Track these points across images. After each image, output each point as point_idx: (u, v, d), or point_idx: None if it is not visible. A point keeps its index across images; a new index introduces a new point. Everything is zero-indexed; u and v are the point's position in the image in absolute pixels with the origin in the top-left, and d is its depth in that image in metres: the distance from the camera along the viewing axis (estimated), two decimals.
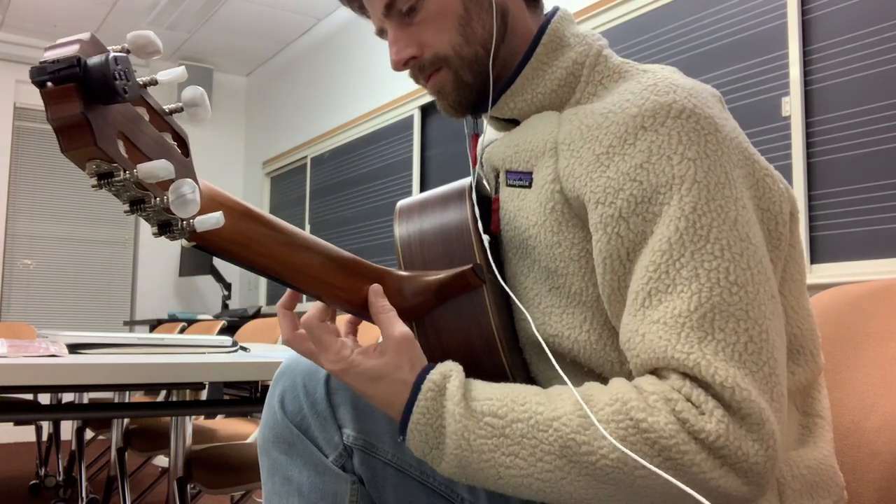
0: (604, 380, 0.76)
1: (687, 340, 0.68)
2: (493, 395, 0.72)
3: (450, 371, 0.74)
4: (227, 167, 6.06)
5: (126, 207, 0.55)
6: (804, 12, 2.34)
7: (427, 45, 0.85)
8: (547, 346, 0.81)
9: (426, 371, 0.74)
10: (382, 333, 0.76)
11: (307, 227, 5.13)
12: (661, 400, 0.67)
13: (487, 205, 0.89)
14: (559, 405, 0.70)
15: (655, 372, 0.70)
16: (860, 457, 0.92)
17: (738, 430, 0.65)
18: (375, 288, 0.77)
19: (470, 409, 0.71)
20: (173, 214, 0.56)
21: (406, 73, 0.89)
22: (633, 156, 0.73)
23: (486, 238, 0.82)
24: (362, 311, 0.78)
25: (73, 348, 1.48)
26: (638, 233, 0.72)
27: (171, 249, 5.75)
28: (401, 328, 0.75)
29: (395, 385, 0.74)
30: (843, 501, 0.81)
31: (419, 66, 0.87)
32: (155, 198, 0.54)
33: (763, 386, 0.67)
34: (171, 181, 0.55)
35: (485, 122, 0.94)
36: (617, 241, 0.73)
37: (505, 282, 0.86)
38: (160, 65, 5.71)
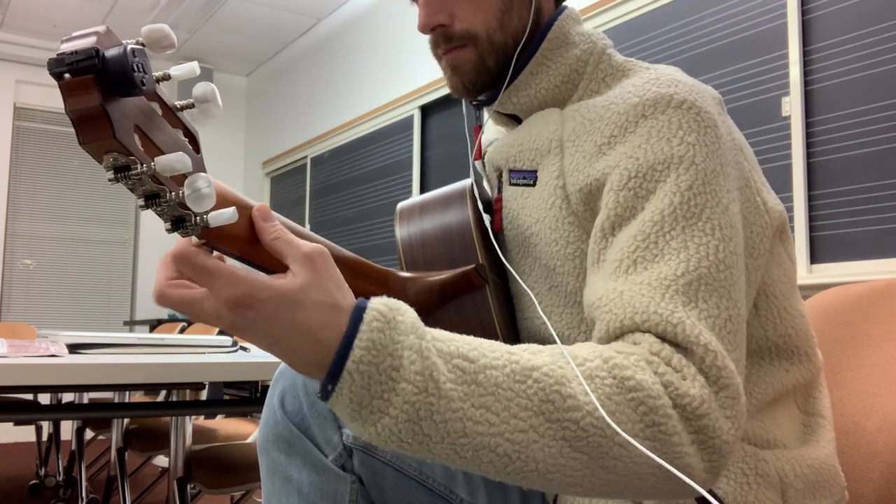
0: None
1: (672, 300, 0.65)
2: (458, 338, 0.61)
3: (397, 303, 0.60)
4: (227, 167, 6.06)
5: (141, 202, 0.55)
6: (804, 12, 2.34)
7: (459, 17, 0.84)
8: (549, 346, 0.81)
9: (364, 300, 0.59)
10: (287, 257, 0.59)
11: (307, 227, 5.13)
12: (642, 360, 0.63)
13: (487, 205, 0.89)
14: (533, 358, 0.61)
15: (625, 336, 0.67)
16: (860, 457, 0.92)
17: (715, 402, 0.62)
18: (262, 208, 0.62)
19: (437, 348, 0.58)
20: (188, 210, 0.56)
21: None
22: (632, 140, 0.74)
23: (497, 247, 0.81)
24: None
25: (73, 348, 1.48)
26: (627, 207, 0.72)
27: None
28: (308, 243, 0.59)
29: (321, 310, 0.56)
30: (844, 501, 0.81)
31: (446, 36, 0.85)
32: (170, 192, 0.54)
33: (736, 367, 0.66)
34: (186, 176, 0.55)
35: (485, 115, 0.94)
36: (603, 212, 0.73)
37: (507, 281, 0.86)
38: (160, 64, 5.71)
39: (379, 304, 0.59)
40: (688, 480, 0.58)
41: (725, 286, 0.67)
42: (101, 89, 0.48)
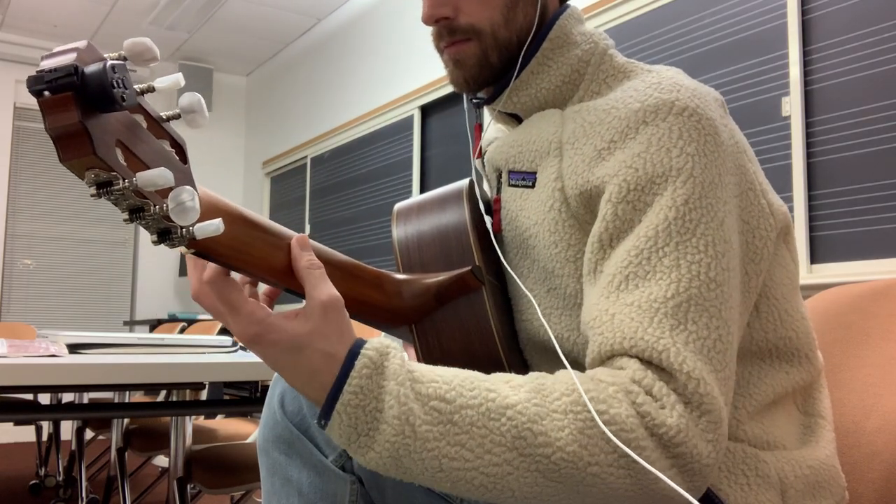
0: None
1: (659, 325, 0.66)
2: (439, 378, 0.66)
3: (387, 348, 0.66)
4: (227, 167, 6.06)
5: (125, 216, 0.55)
6: (804, 12, 2.34)
7: (464, 11, 0.84)
8: (548, 348, 0.81)
9: (359, 346, 0.65)
10: (307, 294, 0.67)
11: (307, 227, 5.13)
12: (620, 391, 0.65)
13: (487, 206, 0.89)
14: (510, 393, 0.65)
15: (613, 359, 0.69)
16: (860, 457, 0.92)
17: (695, 428, 0.64)
18: (301, 238, 0.69)
19: (415, 391, 0.64)
20: (173, 222, 0.55)
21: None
22: (632, 147, 0.73)
23: (497, 249, 0.81)
24: (359, 315, 0.77)
25: (73, 348, 1.48)
26: (625, 220, 0.72)
27: (171, 250, 5.75)
28: (330, 290, 0.66)
29: (320, 357, 0.64)
30: (844, 502, 0.81)
31: (450, 29, 0.85)
32: (154, 206, 0.54)
33: (723, 387, 0.67)
34: (171, 189, 0.55)
35: (486, 114, 0.94)
36: (601, 224, 0.73)
37: (506, 283, 0.86)
38: (160, 65, 5.71)
39: (370, 350, 0.65)
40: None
41: (716, 305, 0.68)
42: (81, 106, 0.48)
